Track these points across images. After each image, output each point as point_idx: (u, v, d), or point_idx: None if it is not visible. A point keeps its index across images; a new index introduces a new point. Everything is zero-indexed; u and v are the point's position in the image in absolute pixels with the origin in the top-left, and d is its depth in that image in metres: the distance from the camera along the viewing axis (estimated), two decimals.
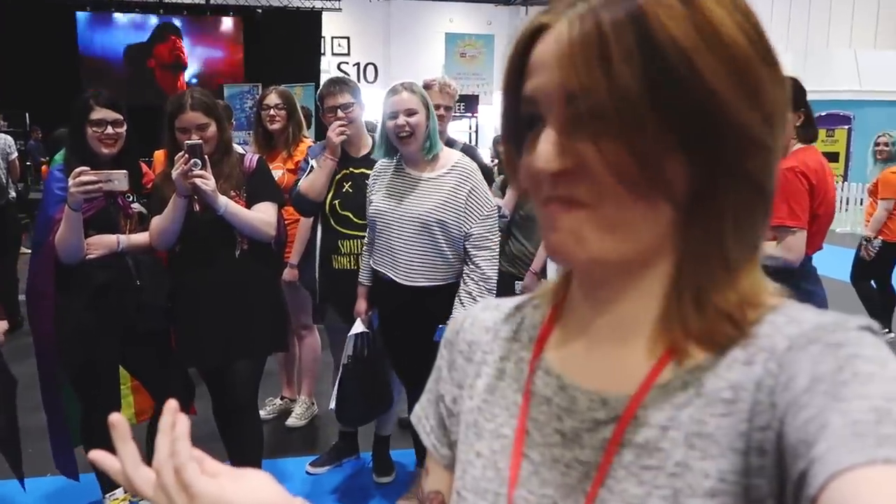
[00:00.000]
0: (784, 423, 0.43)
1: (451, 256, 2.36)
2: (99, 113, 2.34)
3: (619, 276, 0.52)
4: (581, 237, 0.48)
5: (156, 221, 2.37)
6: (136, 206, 2.48)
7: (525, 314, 0.62)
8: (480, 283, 2.31)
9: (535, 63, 0.49)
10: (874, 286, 4.98)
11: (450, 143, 2.87)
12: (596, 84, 0.45)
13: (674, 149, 0.46)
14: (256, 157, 2.51)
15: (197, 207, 2.33)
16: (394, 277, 2.36)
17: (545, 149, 0.48)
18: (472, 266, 2.32)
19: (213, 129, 2.34)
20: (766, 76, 0.47)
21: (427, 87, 3.07)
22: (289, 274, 3.10)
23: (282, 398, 3.66)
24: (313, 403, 3.56)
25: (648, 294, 0.51)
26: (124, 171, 2.31)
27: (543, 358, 0.58)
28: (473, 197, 2.32)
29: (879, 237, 4.75)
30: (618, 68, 0.44)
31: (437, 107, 3.00)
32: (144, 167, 2.57)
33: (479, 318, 0.65)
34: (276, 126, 3.26)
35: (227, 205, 2.29)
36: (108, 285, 2.37)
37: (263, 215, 2.38)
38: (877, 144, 5.02)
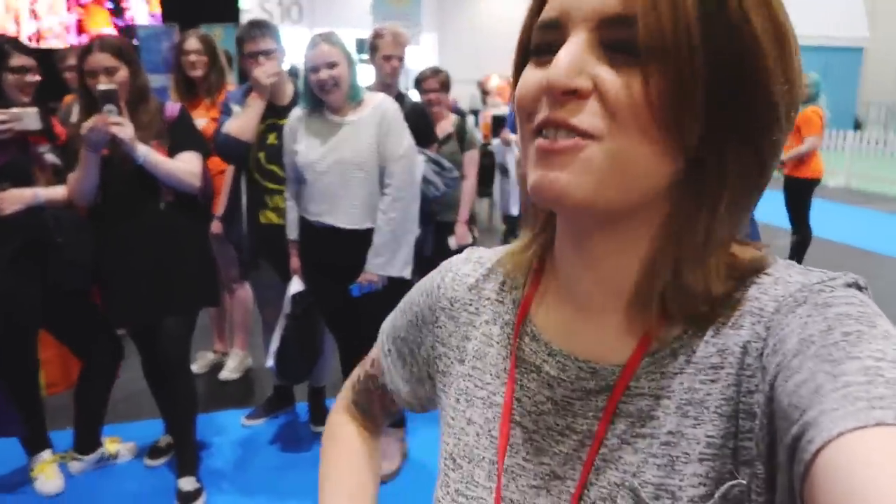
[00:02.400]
0: (774, 386, 0.42)
1: None
2: (19, 59, 2.27)
3: (605, 230, 0.49)
4: (581, 174, 0.45)
5: (72, 177, 2.26)
6: (51, 157, 2.36)
7: (508, 271, 0.61)
8: (386, 229, 2.31)
9: None
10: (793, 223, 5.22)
11: (400, 98, 2.81)
12: (651, 9, 0.42)
13: (702, 100, 0.44)
14: (178, 105, 2.40)
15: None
16: (335, 223, 2.35)
17: (565, 60, 0.44)
18: (382, 209, 2.33)
19: (123, 72, 2.22)
20: (794, 50, 0.46)
21: (378, 36, 2.98)
22: (216, 227, 3.02)
23: (214, 352, 3.63)
24: (247, 356, 3.54)
25: (633, 254, 0.50)
26: (35, 108, 2.21)
27: (529, 322, 0.57)
28: (388, 137, 2.32)
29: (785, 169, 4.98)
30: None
31: (390, 57, 2.92)
32: (53, 120, 2.43)
33: (460, 272, 0.64)
34: (196, 73, 3.11)
35: (148, 154, 2.20)
36: (28, 243, 2.27)
37: (188, 165, 2.29)
38: None
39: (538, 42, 0.47)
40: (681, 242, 0.47)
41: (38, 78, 2.33)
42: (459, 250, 0.83)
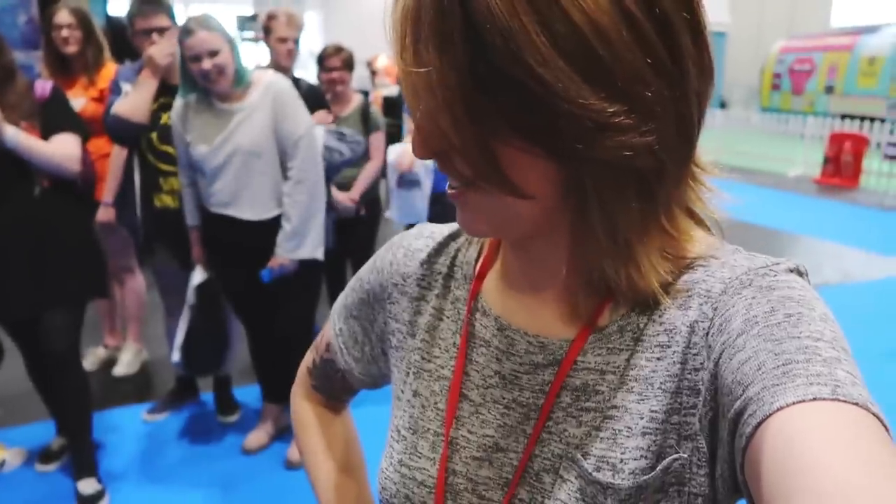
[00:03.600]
0: (719, 364, 0.44)
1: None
2: None
3: (528, 242, 0.52)
4: (474, 214, 0.49)
5: None
6: None
7: (460, 246, 0.62)
8: (293, 213, 2.27)
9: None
10: None
11: (295, 82, 2.73)
12: (417, 76, 0.42)
13: (517, 139, 0.42)
14: (50, 83, 2.21)
15: None
16: (240, 216, 2.26)
17: (411, 137, 0.47)
18: (287, 193, 2.27)
19: None
20: (626, 44, 0.41)
21: (271, 18, 2.88)
22: (104, 214, 2.84)
23: (105, 346, 3.41)
24: (142, 350, 3.36)
25: (560, 256, 0.51)
26: None
27: (481, 298, 0.58)
28: (283, 121, 2.24)
29: None
30: (433, 58, 0.41)
31: (285, 39, 2.84)
32: None
33: (412, 247, 0.64)
34: (70, 49, 2.88)
35: (17, 136, 2.02)
36: None
37: (65, 149, 2.13)
38: None
39: None
40: (588, 247, 0.48)
41: None
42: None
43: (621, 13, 0.40)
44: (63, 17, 2.86)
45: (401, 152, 3.30)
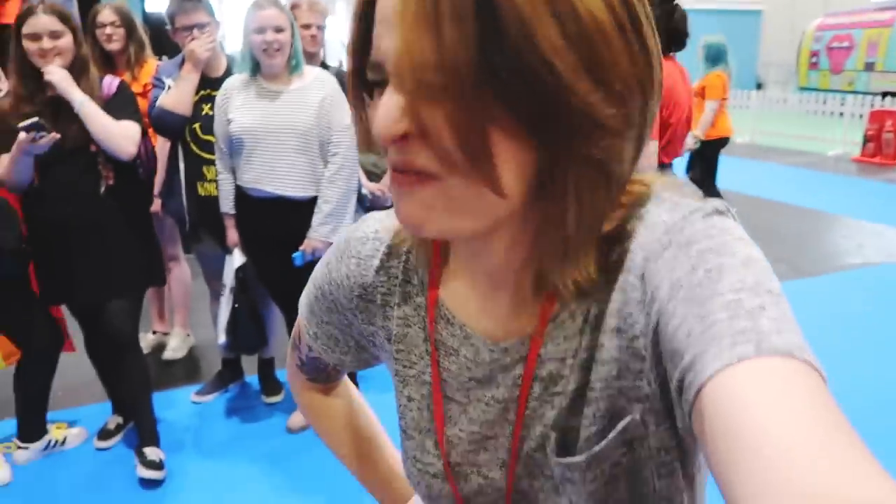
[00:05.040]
0: (658, 332, 0.45)
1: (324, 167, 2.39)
2: None
3: (478, 239, 0.51)
4: (429, 212, 0.46)
5: (4, 163, 2.17)
6: None
7: (409, 247, 0.61)
8: (333, 197, 2.35)
9: (379, 17, 0.44)
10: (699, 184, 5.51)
11: (325, 67, 2.81)
12: (424, 47, 0.40)
13: (510, 127, 0.42)
14: (118, 80, 2.34)
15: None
16: (273, 191, 2.35)
17: (385, 110, 0.43)
18: (329, 178, 2.36)
19: (68, 38, 2.15)
20: (620, 49, 0.42)
21: (294, 6, 2.96)
22: (153, 205, 2.96)
23: (154, 332, 3.55)
24: (189, 335, 3.49)
25: (511, 252, 0.52)
26: None
27: (442, 305, 0.59)
28: (333, 108, 2.34)
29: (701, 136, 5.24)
30: (447, 30, 0.39)
31: (309, 26, 2.91)
32: None
33: (362, 254, 0.63)
34: (113, 46, 3.00)
35: (85, 102, 2.14)
36: None
37: (125, 129, 2.24)
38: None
39: (371, 78, 0.46)
40: (538, 252, 0.50)
41: None
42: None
43: (615, 20, 0.42)
44: (106, 15, 2.97)
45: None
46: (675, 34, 2.60)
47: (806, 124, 11.19)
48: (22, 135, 2.06)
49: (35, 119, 2.07)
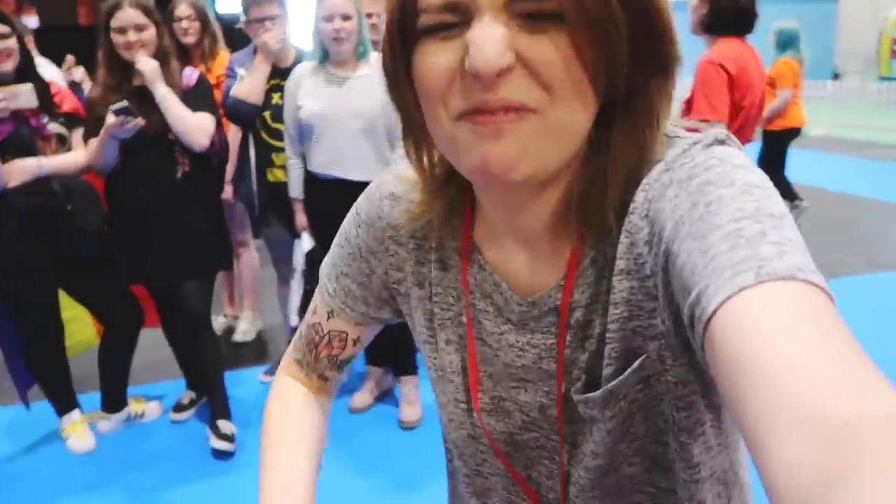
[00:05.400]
0: (666, 271, 0.46)
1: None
2: None
3: (525, 191, 0.52)
4: (525, 149, 0.46)
5: (92, 150, 2.32)
6: (54, 128, 2.40)
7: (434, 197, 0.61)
8: None
9: None
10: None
11: None
12: None
13: (626, 50, 0.45)
14: (197, 72, 2.46)
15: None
16: (343, 175, 2.42)
17: (492, 44, 0.42)
18: (395, 161, 2.41)
19: (151, 31, 2.28)
20: None
21: None
22: (225, 192, 3.08)
23: (224, 315, 3.71)
24: (257, 318, 3.63)
25: (553, 194, 0.53)
26: (29, 85, 2.22)
27: (475, 251, 0.60)
28: None
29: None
30: None
31: (370, 15, 2.98)
32: (54, 85, 2.46)
33: (395, 195, 0.64)
34: (189, 39, 3.14)
35: (167, 95, 2.27)
36: (36, 213, 2.32)
37: (200, 121, 2.36)
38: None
39: (434, 22, 0.45)
40: (585, 191, 0.51)
41: (9, 44, 2.24)
42: None
43: None
44: (183, 9, 3.11)
45: None
46: (741, 14, 2.49)
47: (887, 115, 10.64)
48: (111, 118, 2.18)
49: (125, 103, 2.20)
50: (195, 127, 2.34)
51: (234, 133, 3.05)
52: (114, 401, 2.69)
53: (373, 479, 2.37)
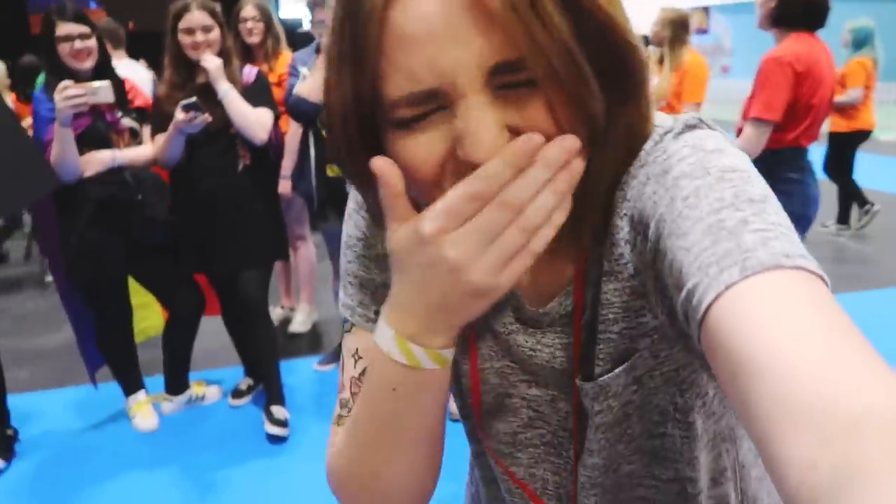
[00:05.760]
0: (655, 268, 0.45)
1: None
2: (64, 28, 2.35)
3: None
4: None
5: (159, 144, 2.45)
6: (127, 122, 2.53)
7: None
8: None
9: (411, 39, 0.41)
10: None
11: None
12: (540, 46, 0.40)
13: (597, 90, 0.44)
14: (256, 69, 2.56)
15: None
16: None
17: (489, 133, 0.42)
18: None
19: (217, 32, 2.39)
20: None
21: None
22: (282, 186, 3.17)
23: (281, 307, 3.82)
24: (313, 310, 3.73)
25: None
26: (107, 81, 2.35)
27: None
28: None
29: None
30: (556, 24, 0.40)
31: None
32: (128, 82, 2.60)
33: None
34: (253, 39, 3.26)
35: (229, 91, 2.38)
36: (109, 201, 2.45)
37: (260, 116, 2.46)
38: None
39: (411, 116, 0.43)
40: (584, 199, 0.48)
41: (89, 43, 2.37)
42: None
43: None
44: (249, 11, 3.24)
45: None
46: (811, 6, 2.39)
47: None
48: (180, 114, 2.30)
49: (194, 99, 2.32)
50: (255, 122, 2.43)
51: (294, 130, 3.15)
52: (176, 383, 2.82)
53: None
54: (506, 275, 0.41)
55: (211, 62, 2.35)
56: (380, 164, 0.44)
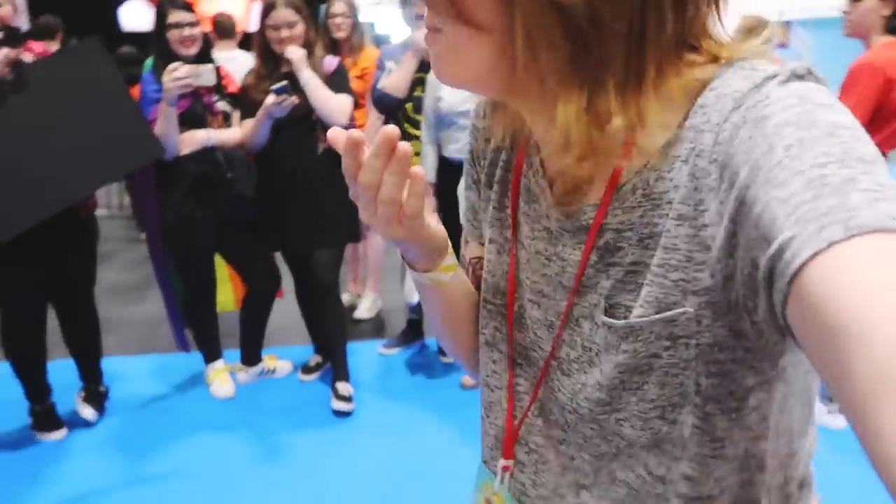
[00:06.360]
0: (736, 222, 0.42)
1: None
2: (176, 16, 2.57)
3: (527, 101, 0.53)
4: (438, 60, 0.52)
5: (247, 128, 2.61)
6: (221, 105, 2.72)
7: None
8: None
9: None
10: None
11: None
12: None
13: None
14: (336, 59, 2.71)
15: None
16: None
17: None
18: None
19: (301, 27, 2.55)
20: None
21: None
22: None
23: (348, 292, 3.97)
24: (378, 298, 3.86)
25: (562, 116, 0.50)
26: (210, 65, 2.54)
27: (532, 151, 0.60)
28: None
29: None
30: None
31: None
32: (223, 69, 2.77)
33: (478, 128, 0.69)
34: (341, 34, 3.40)
35: (311, 78, 2.53)
36: (202, 178, 2.63)
37: (340, 103, 2.61)
38: None
39: None
40: (587, 103, 0.48)
41: (195, 31, 2.59)
42: None
43: None
44: (339, 7, 3.39)
45: None
46: None
47: None
48: (271, 97, 2.45)
49: (285, 83, 2.48)
50: (336, 107, 2.59)
51: (372, 122, 3.29)
52: (251, 355, 2.99)
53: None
54: (394, 230, 0.54)
55: (294, 53, 2.51)
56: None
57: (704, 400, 0.50)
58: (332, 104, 2.57)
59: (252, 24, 5.37)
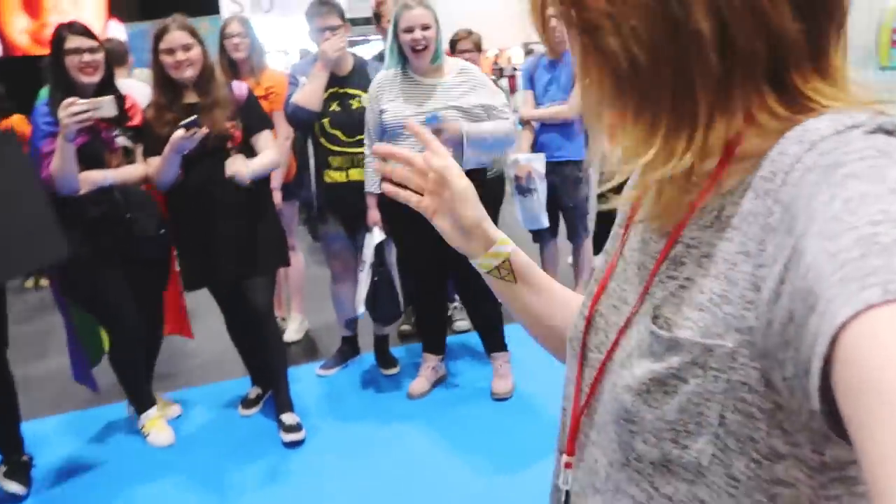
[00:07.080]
0: (788, 269, 0.41)
1: None
2: (74, 41, 2.40)
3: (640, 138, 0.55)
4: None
5: (154, 166, 2.48)
6: (121, 140, 2.56)
7: None
8: (491, 126, 2.63)
9: None
10: None
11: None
12: None
13: None
14: (245, 86, 2.62)
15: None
16: None
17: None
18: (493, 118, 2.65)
19: (197, 50, 2.44)
20: None
21: (380, 3, 3.26)
22: (273, 197, 3.24)
23: None
24: (305, 318, 3.78)
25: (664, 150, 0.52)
26: (111, 96, 2.38)
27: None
28: (484, 89, 2.65)
29: None
30: None
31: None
32: (129, 99, 2.62)
33: None
34: (240, 54, 3.30)
35: (255, 171, 2.48)
36: (100, 219, 2.48)
37: (273, 153, 2.59)
38: None
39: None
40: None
41: (97, 57, 2.44)
42: None
43: None
44: (234, 27, 3.29)
45: (513, 163, 3.42)
46: None
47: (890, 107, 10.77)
48: (179, 132, 2.34)
49: (195, 117, 2.37)
50: (273, 162, 2.60)
51: (280, 142, 3.21)
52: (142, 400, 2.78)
53: (439, 456, 2.52)
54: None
55: (245, 178, 2.42)
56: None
57: (727, 433, 0.49)
58: (271, 166, 2.61)
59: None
